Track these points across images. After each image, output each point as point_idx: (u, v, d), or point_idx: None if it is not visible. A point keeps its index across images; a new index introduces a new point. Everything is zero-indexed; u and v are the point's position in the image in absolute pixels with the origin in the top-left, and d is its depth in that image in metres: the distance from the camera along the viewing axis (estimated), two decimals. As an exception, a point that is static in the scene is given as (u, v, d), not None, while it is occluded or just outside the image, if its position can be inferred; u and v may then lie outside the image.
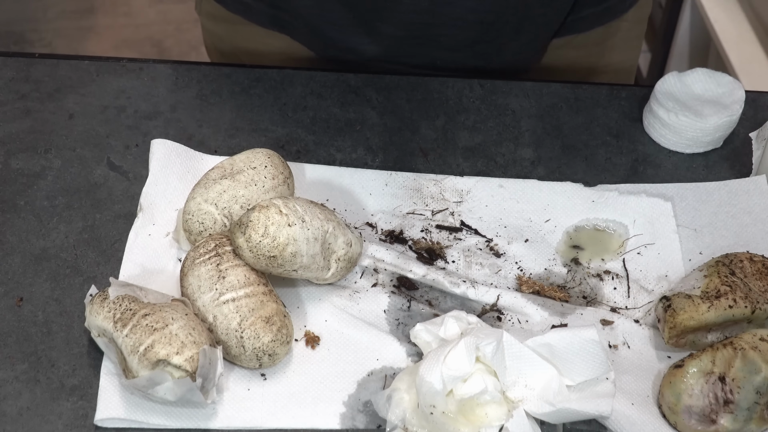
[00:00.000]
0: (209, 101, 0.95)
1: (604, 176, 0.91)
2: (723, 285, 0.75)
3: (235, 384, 0.73)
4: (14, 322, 0.76)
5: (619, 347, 0.77)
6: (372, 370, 0.74)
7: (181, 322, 0.69)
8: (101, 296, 0.71)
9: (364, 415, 0.71)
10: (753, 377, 0.69)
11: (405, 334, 0.76)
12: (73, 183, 0.86)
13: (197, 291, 0.73)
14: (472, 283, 0.80)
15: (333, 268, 0.77)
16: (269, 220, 0.72)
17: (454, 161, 0.91)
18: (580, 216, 0.87)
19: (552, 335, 0.70)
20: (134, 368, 0.68)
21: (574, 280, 0.82)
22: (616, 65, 1.08)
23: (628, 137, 0.95)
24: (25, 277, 0.79)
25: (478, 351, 0.69)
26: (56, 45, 2.51)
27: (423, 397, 0.68)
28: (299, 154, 0.91)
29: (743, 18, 1.91)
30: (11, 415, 0.70)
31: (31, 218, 0.83)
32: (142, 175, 0.87)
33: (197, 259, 0.74)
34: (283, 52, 1.04)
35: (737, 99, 0.93)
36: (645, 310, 0.80)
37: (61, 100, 0.94)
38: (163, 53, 2.49)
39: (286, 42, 1.03)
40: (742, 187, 0.89)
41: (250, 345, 0.71)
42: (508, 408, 0.69)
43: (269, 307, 0.72)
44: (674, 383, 0.71)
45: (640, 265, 0.83)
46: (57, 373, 0.73)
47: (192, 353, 0.68)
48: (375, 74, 0.98)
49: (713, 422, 0.70)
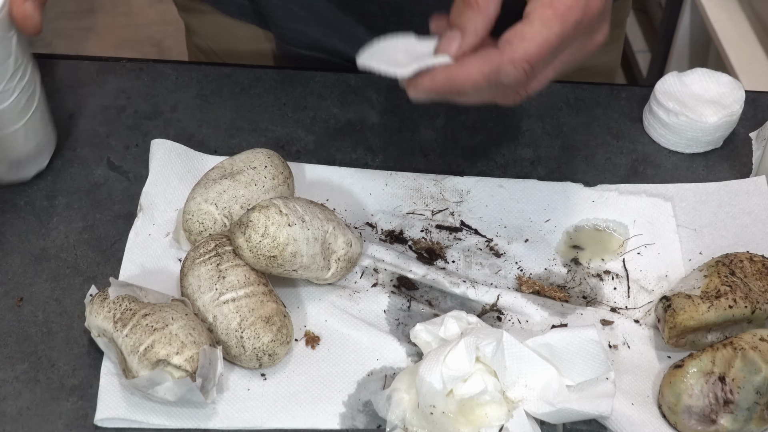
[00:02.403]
0: (209, 101, 0.95)
1: (604, 176, 0.91)
2: (723, 285, 0.75)
3: (235, 384, 0.73)
4: (14, 322, 0.76)
5: (619, 347, 0.77)
6: (372, 370, 0.74)
7: (181, 322, 0.69)
8: (101, 296, 0.71)
9: (364, 415, 0.71)
10: (753, 377, 0.69)
11: (405, 334, 0.76)
12: (73, 183, 0.86)
13: (197, 291, 0.73)
14: (472, 283, 0.80)
15: (333, 268, 0.77)
16: (269, 220, 0.72)
17: (454, 161, 0.91)
18: (580, 216, 0.87)
19: (552, 335, 0.70)
20: (134, 368, 0.68)
21: (574, 280, 0.82)
22: (595, 68, 1.08)
23: (628, 137, 0.95)
24: (25, 277, 0.79)
25: (478, 351, 0.69)
26: (56, 45, 2.51)
27: (423, 397, 0.68)
28: (299, 154, 0.91)
29: (743, 18, 1.92)
30: (11, 415, 0.70)
31: (31, 218, 0.83)
32: (142, 175, 0.87)
33: (197, 259, 0.74)
34: (254, 46, 1.04)
35: (737, 99, 0.93)
36: (645, 310, 0.80)
37: (61, 100, 0.94)
38: (163, 53, 2.49)
39: (258, 34, 1.03)
40: (742, 187, 0.89)
41: (250, 345, 0.71)
42: (508, 408, 0.69)
43: (269, 307, 0.72)
44: (674, 383, 0.71)
45: (640, 265, 0.83)
46: (57, 373, 0.73)
47: (192, 353, 0.68)
48: (375, 74, 0.98)
49: (713, 422, 0.70)
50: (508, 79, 0.64)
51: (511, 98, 0.69)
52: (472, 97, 0.68)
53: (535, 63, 0.64)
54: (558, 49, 0.66)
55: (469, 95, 0.66)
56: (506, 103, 0.69)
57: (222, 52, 1.07)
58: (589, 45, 0.70)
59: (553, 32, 0.65)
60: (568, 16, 0.65)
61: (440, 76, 0.66)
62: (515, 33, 0.65)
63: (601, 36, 0.70)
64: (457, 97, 0.67)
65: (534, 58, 0.64)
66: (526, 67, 0.64)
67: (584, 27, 0.67)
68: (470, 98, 0.68)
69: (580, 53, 0.69)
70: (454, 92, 0.66)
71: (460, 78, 0.65)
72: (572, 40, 0.67)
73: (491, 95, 0.67)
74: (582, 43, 0.69)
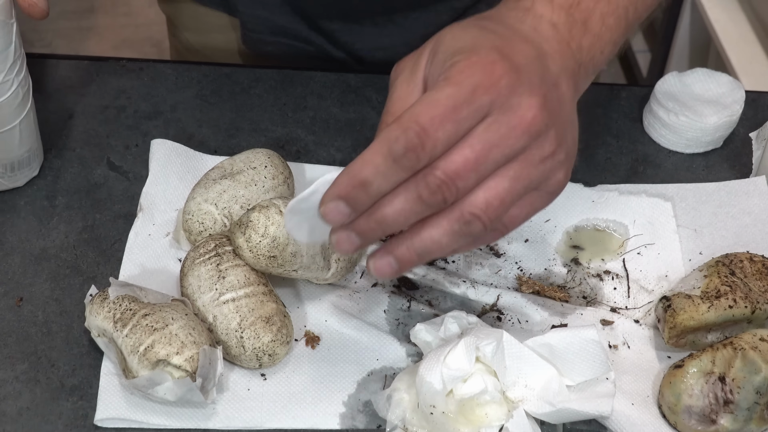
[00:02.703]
0: (209, 101, 0.95)
1: (604, 176, 0.91)
2: (723, 285, 0.75)
3: (235, 384, 0.73)
4: (14, 322, 0.76)
5: (619, 347, 0.77)
6: (372, 370, 0.74)
7: (181, 322, 0.69)
8: (101, 296, 0.71)
9: (364, 415, 0.71)
10: (753, 377, 0.69)
11: (405, 334, 0.76)
12: (73, 183, 0.86)
13: (197, 291, 0.73)
14: (472, 283, 0.80)
15: (333, 268, 0.77)
16: (269, 220, 0.72)
17: (454, 161, 0.91)
18: (580, 216, 0.87)
19: (552, 335, 0.70)
20: (134, 368, 0.68)
21: (574, 280, 0.82)
22: None
23: (628, 137, 0.95)
24: (25, 277, 0.79)
25: (478, 351, 0.69)
26: (56, 45, 2.51)
27: (423, 397, 0.68)
28: (299, 154, 0.91)
29: (743, 18, 1.92)
30: (11, 415, 0.70)
31: (31, 218, 0.83)
32: (142, 175, 0.87)
33: (197, 259, 0.74)
34: (225, 34, 1.05)
35: (737, 99, 0.93)
36: (645, 310, 0.80)
37: (61, 100, 0.94)
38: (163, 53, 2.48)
39: (227, 21, 1.05)
40: (742, 187, 0.89)
41: (250, 345, 0.71)
42: (508, 408, 0.69)
43: (269, 307, 0.72)
44: (674, 383, 0.71)
45: (640, 265, 0.83)
46: (57, 373, 0.73)
47: (192, 353, 0.68)
48: (375, 74, 0.98)
49: (713, 422, 0.70)
50: (401, 147, 0.56)
51: (459, 221, 0.59)
52: (434, 250, 0.60)
53: (427, 125, 0.56)
54: (463, 118, 0.57)
55: (376, 185, 0.57)
56: (470, 242, 0.61)
57: (200, 45, 1.08)
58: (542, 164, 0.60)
59: (443, 93, 0.57)
60: (460, 79, 0.58)
61: (339, 178, 0.58)
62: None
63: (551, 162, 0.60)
64: (391, 222, 0.59)
65: (422, 117, 0.56)
66: (415, 128, 0.56)
67: (493, 93, 0.57)
68: (429, 245, 0.60)
69: (530, 169, 0.60)
70: (358, 186, 0.57)
71: (357, 166, 0.57)
72: (475, 110, 0.57)
73: (417, 203, 0.58)
74: (534, 157, 0.59)
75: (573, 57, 0.64)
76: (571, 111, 0.63)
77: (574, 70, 0.64)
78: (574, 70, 0.64)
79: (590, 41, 0.65)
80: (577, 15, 0.65)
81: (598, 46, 0.66)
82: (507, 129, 0.58)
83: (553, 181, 0.62)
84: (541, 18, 0.64)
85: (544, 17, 0.64)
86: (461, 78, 0.58)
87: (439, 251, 0.60)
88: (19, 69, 0.77)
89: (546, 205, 0.63)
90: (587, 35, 0.65)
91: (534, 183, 0.60)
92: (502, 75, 0.58)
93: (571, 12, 0.65)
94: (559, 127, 0.60)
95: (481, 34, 0.61)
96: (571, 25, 0.65)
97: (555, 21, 0.64)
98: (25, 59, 0.79)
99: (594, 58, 0.66)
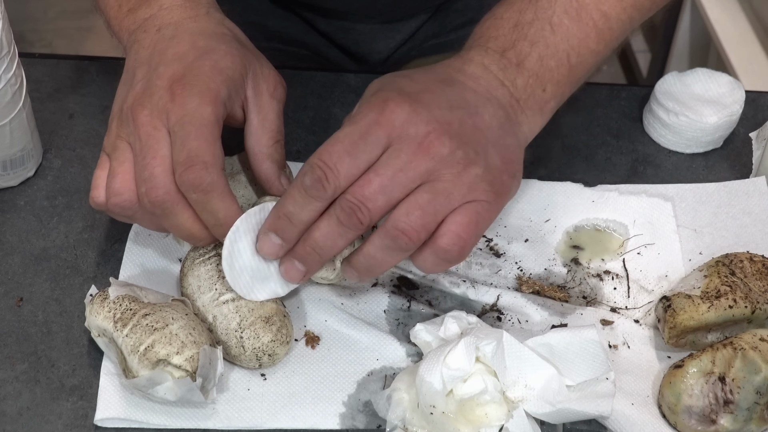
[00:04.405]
0: (209, 101, 0.95)
1: (604, 176, 0.91)
2: (723, 285, 0.75)
3: (235, 384, 0.73)
4: (14, 322, 0.76)
5: (619, 347, 0.77)
6: (372, 370, 0.74)
7: (181, 322, 0.69)
8: (101, 296, 0.71)
9: (364, 415, 0.71)
10: (753, 377, 0.69)
11: (405, 334, 0.76)
12: (73, 183, 0.86)
13: (197, 291, 0.73)
14: (472, 283, 0.80)
15: (338, 268, 0.76)
16: (269, 220, 0.72)
17: (454, 161, 0.91)
18: (580, 216, 0.87)
19: (552, 335, 0.70)
20: (134, 368, 0.68)
21: (574, 280, 0.82)
22: None
23: (628, 137, 0.95)
24: (25, 277, 0.79)
25: (478, 351, 0.69)
26: (56, 45, 2.51)
27: (423, 397, 0.68)
28: (299, 154, 0.91)
29: (743, 18, 1.92)
30: (11, 415, 0.70)
31: (31, 218, 0.83)
32: (142, 175, 0.87)
33: (197, 259, 0.74)
34: None
35: (737, 99, 0.93)
36: (645, 310, 0.80)
37: (61, 100, 0.94)
38: (163, 53, 2.48)
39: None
40: (742, 188, 0.89)
41: (250, 345, 0.71)
42: (508, 408, 0.69)
43: (269, 307, 0.72)
44: (674, 383, 0.71)
45: (640, 265, 0.83)
46: (57, 373, 0.73)
47: (192, 353, 0.68)
48: (375, 74, 0.98)
49: (713, 422, 0.70)
50: (309, 180, 0.66)
51: (382, 245, 0.69)
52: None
53: (327, 160, 0.65)
54: (361, 151, 0.66)
55: (296, 215, 0.67)
56: (401, 255, 0.69)
57: None
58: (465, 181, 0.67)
59: (342, 132, 0.67)
60: (358, 119, 0.67)
61: (268, 216, 0.70)
62: None
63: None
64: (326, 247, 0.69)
65: (324, 155, 0.66)
66: (319, 163, 0.65)
67: (387, 127, 0.66)
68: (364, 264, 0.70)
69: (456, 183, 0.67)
70: (283, 218, 0.68)
71: (280, 202, 0.68)
72: (372, 143, 0.66)
73: (338, 225, 0.67)
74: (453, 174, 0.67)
75: (508, 92, 0.71)
76: (499, 135, 0.70)
77: (507, 103, 0.71)
78: (507, 103, 0.71)
79: (526, 80, 0.72)
80: (512, 57, 0.72)
81: (538, 84, 0.73)
82: (408, 155, 0.66)
83: (480, 191, 0.67)
84: (471, 61, 0.72)
85: (475, 60, 0.72)
86: (358, 118, 0.67)
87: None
88: (7, 67, 0.77)
89: (494, 211, 0.69)
90: (522, 75, 0.72)
91: (456, 196, 0.67)
92: (395, 110, 0.66)
93: (506, 54, 0.72)
94: (471, 148, 0.67)
95: (392, 79, 0.71)
96: (504, 65, 0.72)
97: (487, 63, 0.72)
98: (16, 57, 0.79)
99: (534, 94, 0.73)
